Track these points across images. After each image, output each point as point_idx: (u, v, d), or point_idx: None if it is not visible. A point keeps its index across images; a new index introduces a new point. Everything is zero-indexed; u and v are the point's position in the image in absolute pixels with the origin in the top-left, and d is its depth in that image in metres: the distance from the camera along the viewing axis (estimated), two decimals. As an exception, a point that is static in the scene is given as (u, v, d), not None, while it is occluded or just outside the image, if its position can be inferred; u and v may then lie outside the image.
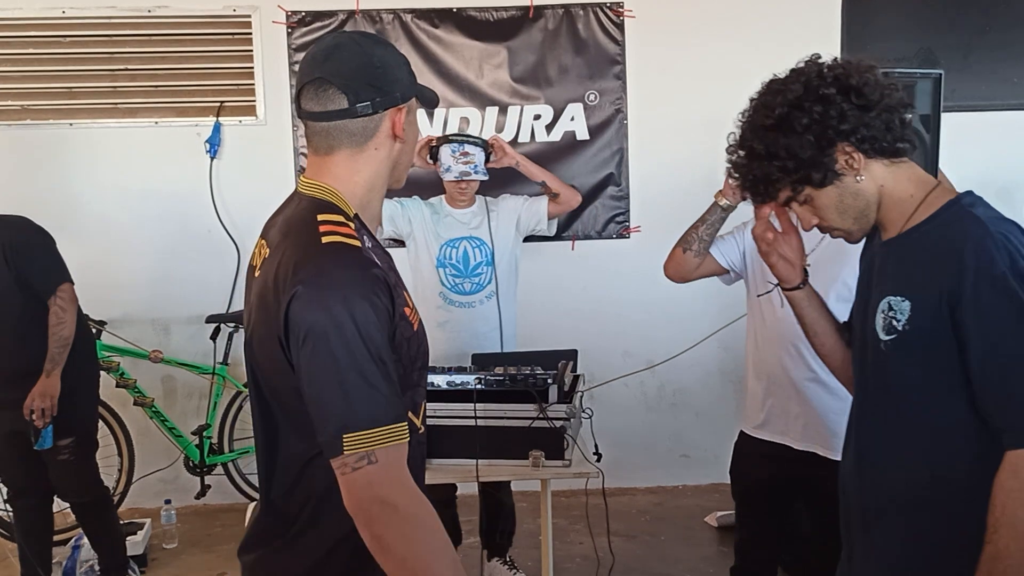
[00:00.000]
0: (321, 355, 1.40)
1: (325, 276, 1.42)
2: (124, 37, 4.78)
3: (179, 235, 4.88)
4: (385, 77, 1.54)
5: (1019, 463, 1.50)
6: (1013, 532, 1.49)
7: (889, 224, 1.70)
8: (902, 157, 1.67)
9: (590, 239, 5.00)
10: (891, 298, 1.64)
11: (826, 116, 1.61)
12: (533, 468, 2.97)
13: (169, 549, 4.42)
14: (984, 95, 4.98)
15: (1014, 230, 1.57)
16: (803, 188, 1.67)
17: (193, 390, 4.93)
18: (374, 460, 1.38)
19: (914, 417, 1.64)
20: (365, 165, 1.57)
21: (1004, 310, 1.51)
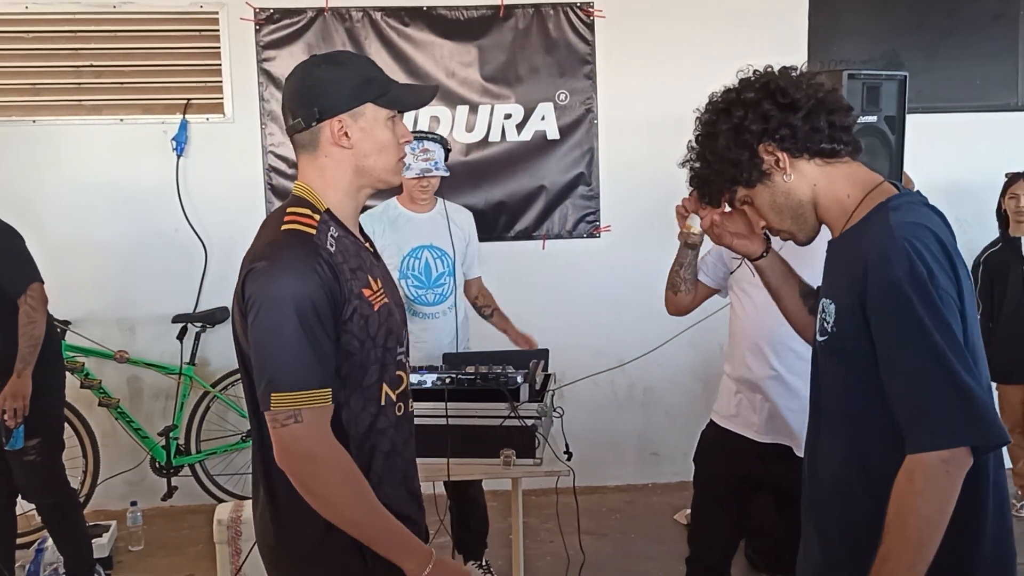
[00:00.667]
0: (260, 322, 1.64)
1: (274, 256, 1.67)
2: (89, 33, 4.72)
3: (145, 234, 4.83)
4: (315, 94, 1.75)
5: (914, 467, 1.51)
6: (902, 534, 1.50)
7: (832, 224, 1.73)
8: (838, 157, 1.70)
9: (560, 239, 5.01)
10: (824, 300, 1.71)
11: (745, 119, 1.69)
12: (504, 467, 2.97)
13: (135, 551, 4.37)
14: (948, 97, 5.06)
15: (923, 234, 1.56)
16: (735, 188, 1.75)
17: (159, 391, 4.88)
18: (300, 419, 1.62)
19: (845, 412, 1.68)
20: (325, 169, 1.78)
21: (897, 316, 1.52)
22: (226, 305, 4.77)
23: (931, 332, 1.50)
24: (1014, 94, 5.12)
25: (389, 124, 1.79)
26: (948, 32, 5.06)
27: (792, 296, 1.98)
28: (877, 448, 1.62)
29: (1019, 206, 4.43)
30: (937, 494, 1.49)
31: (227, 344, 5.16)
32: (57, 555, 3.86)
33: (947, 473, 1.48)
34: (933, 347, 1.50)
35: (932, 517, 1.49)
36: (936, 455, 1.49)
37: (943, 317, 1.51)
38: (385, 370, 1.78)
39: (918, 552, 1.49)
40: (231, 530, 3.60)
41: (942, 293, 1.52)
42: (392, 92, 1.79)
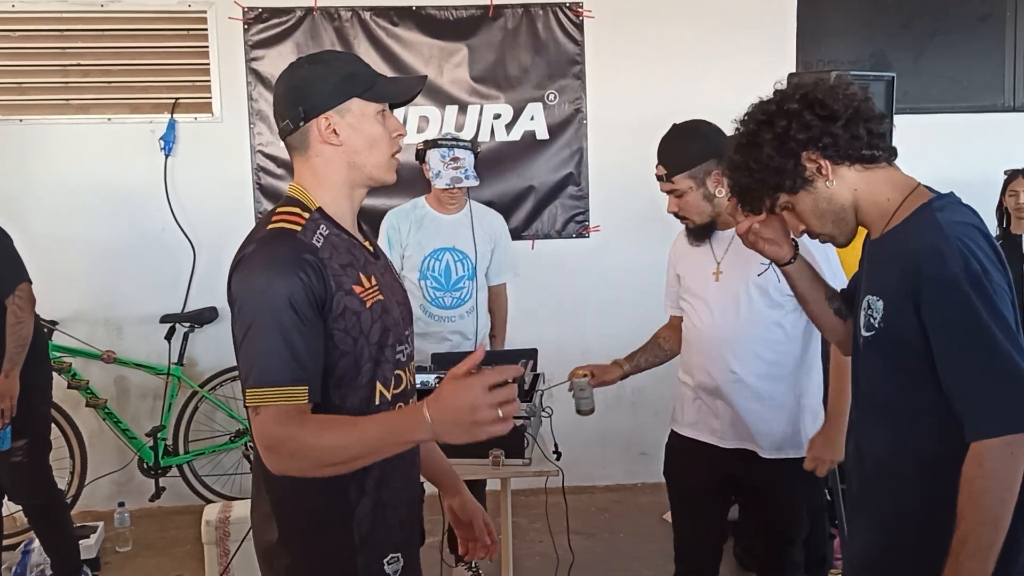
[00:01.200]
0: (241, 318, 1.65)
1: (255, 255, 1.67)
2: (76, 32, 4.70)
3: (133, 233, 4.81)
4: (299, 94, 1.74)
5: (980, 453, 1.60)
6: (977, 517, 1.58)
7: (872, 226, 1.82)
8: (877, 163, 1.79)
9: (549, 238, 5.01)
10: (870, 297, 1.78)
11: (789, 128, 1.76)
12: (493, 467, 2.97)
13: (123, 552, 4.35)
14: (935, 98, 5.09)
15: (972, 233, 1.66)
16: (778, 196, 1.82)
17: (147, 391, 4.86)
18: (258, 413, 1.62)
19: (892, 404, 1.77)
20: (317, 168, 1.78)
21: (956, 311, 1.61)
22: (215, 305, 4.78)
23: (988, 325, 1.59)
24: (1000, 95, 5.15)
25: (379, 119, 1.77)
26: (935, 33, 5.09)
27: (819, 300, 2.04)
28: (926, 436, 1.72)
29: (1019, 203, 4.45)
30: (1004, 475, 1.58)
31: (215, 344, 5.18)
32: (44, 556, 3.84)
33: (1011, 455, 1.58)
34: (992, 339, 1.59)
35: (1002, 496, 1.58)
36: (1000, 440, 1.58)
37: (999, 310, 1.61)
38: (379, 368, 1.75)
39: (994, 530, 1.58)
40: (219, 531, 3.59)
41: (996, 287, 1.63)
42: (378, 86, 1.78)
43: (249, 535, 3.08)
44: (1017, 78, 5.14)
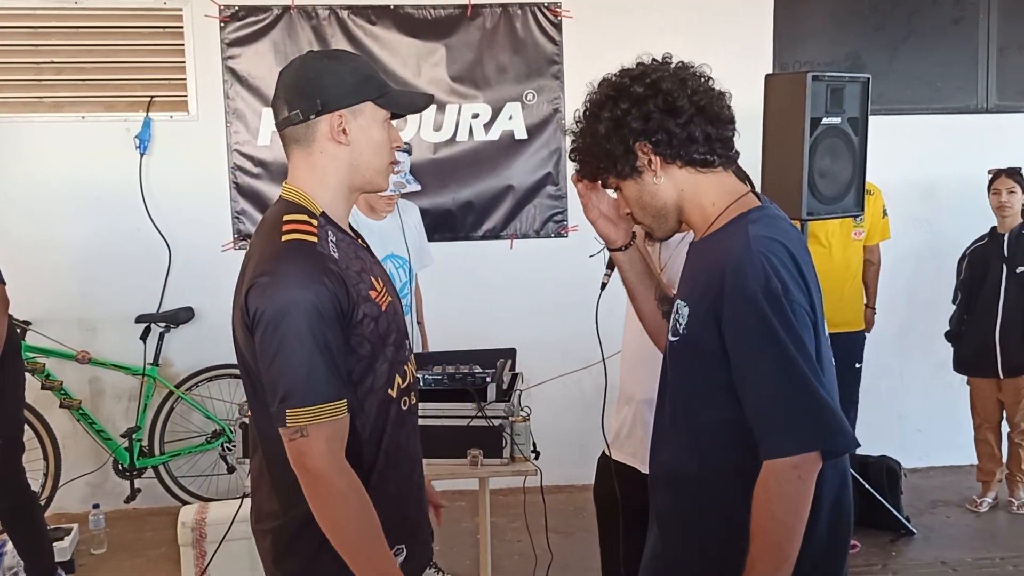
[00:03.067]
0: (269, 338, 1.62)
1: (278, 269, 1.64)
2: (50, 29, 4.65)
3: (107, 233, 4.77)
4: (316, 86, 1.71)
5: (767, 474, 1.57)
6: (763, 539, 1.57)
7: (695, 229, 1.78)
8: (711, 167, 1.72)
9: (528, 238, 5.01)
10: (679, 301, 1.74)
11: (628, 113, 1.70)
12: (472, 466, 2.97)
13: (97, 554, 4.31)
14: (909, 99, 5.14)
15: (777, 249, 1.61)
16: (607, 175, 1.78)
17: (122, 392, 4.82)
18: (306, 434, 1.61)
19: (687, 410, 1.73)
20: (318, 166, 1.75)
21: (753, 328, 1.57)
22: (190, 305, 4.74)
23: (784, 343, 1.55)
24: (974, 96, 5.21)
25: (386, 126, 1.78)
26: (909, 35, 5.14)
27: (647, 297, 1.98)
28: (715, 445, 1.68)
29: (1001, 202, 4.51)
30: (791, 498, 1.56)
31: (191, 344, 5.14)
32: (17, 559, 3.80)
33: (798, 478, 1.55)
34: (785, 358, 1.56)
35: (788, 520, 1.56)
36: (787, 461, 1.55)
37: (795, 330, 1.57)
38: (392, 368, 1.78)
39: (781, 554, 1.56)
40: (195, 532, 3.56)
41: (795, 307, 1.58)
42: (391, 93, 1.78)
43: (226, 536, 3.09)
44: (990, 80, 5.20)
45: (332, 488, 1.63)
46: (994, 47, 5.18)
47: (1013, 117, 5.20)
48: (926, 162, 5.13)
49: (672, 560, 1.77)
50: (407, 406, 1.85)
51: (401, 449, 1.82)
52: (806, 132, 3.49)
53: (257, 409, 1.78)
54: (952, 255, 4.80)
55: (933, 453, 5.25)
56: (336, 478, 1.63)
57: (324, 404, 1.61)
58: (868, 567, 4.11)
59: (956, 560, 4.16)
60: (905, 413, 5.23)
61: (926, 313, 5.01)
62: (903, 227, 4.89)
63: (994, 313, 4.54)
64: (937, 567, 4.11)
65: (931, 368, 5.11)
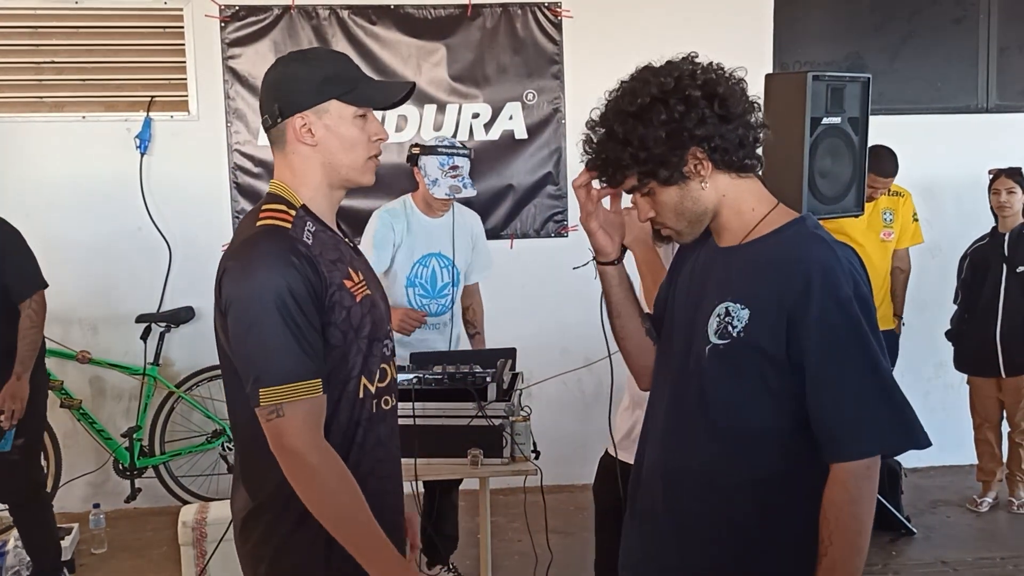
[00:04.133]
0: (240, 319, 1.65)
1: (249, 252, 1.68)
2: (50, 29, 4.66)
3: (108, 232, 4.77)
4: (280, 90, 1.76)
5: (843, 476, 1.58)
6: (844, 542, 1.57)
7: (726, 232, 1.73)
8: (748, 173, 1.71)
9: (528, 238, 5.01)
10: (730, 304, 1.66)
11: (685, 117, 1.63)
12: (472, 466, 2.97)
13: (98, 554, 4.31)
14: (909, 98, 5.14)
15: (854, 256, 1.67)
16: (649, 181, 1.68)
17: (123, 391, 4.82)
18: (282, 413, 1.63)
19: (726, 419, 1.68)
20: (294, 166, 1.79)
21: (844, 333, 1.59)
22: (191, 305, 4.74)
23: (874, 347, 1.60)
24: (974, 96, 5.21)
25: (357, 122, 1.77)
26: (910, 35, 5.14)
27: (631, 314, 1.91)
28: (765, 451, 1.66)
29: (1001, 202, 4.51)
30: (868, 497, 1.59)
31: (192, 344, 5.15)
32: (19, 559, 3.81)
33: (870, 477, 1.59)
34: (876, 363, 1.60)
35: (865, 519, 1.59)
36: (863, 462, 1.58)
37: (879, 336, 1.63)
38: (367, 363, 1.77)
39: (860, 555, 1.59)
40: (196, 532, 3.56)
41: (874, 315, 1.64)
42: (359, 89, 1.77)
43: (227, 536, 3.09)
44: (991, 79, 5.20)
45: (311, 466, 1.63)
46: (995, 47, 5.18)
47: (1013, 117, 5.20)
48: (926, 162, 5.12)
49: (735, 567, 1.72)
50: (388, 406, 1.85)
51: (380, 447, 1.82)
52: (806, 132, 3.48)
53: (232, 401, 1.80)
54: (952, 255, 4.80)
55: (933, 453, 5.21)
56: (315, 456, 1.64)
57: (298, 382, 1.62)
58: (868, 567, 4.11)
59: (956, 560, 4.16)
60: (905, 413, 5.23)
61: (926, 313, 5.00)
62: (903, 227, 4.89)
63: (995, 313, 4.54)
64: (937, 567, 4.11)
65: (931, 368, 5.11)
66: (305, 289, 1.65)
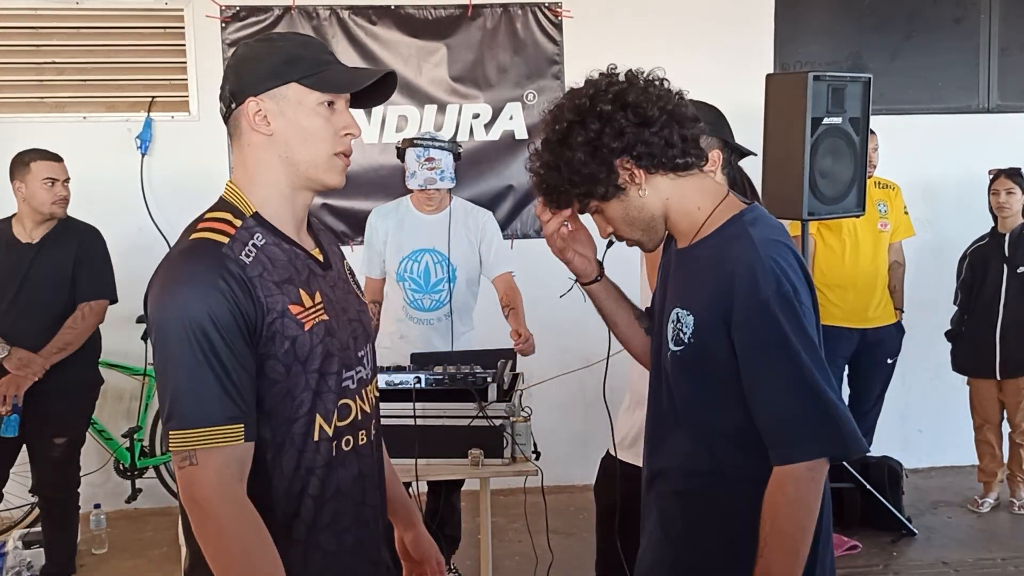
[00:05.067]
0: (157, 350, 1.46)
1: (172, 272, 1.48)
2: (51, 29, 4.66)
3: (108, 233, 4.71)
4: (236, 73, 1.55)
5: (783, 479, 1.58)
6: (781, 545, 1.57)
7: (680, 234, 1.75)
8: (689, 170, 1.71)
9: (528, 238, 5.01)
10: (679, 310, 1.70)
11: (602, 133, 1.64)
12: (473, 466, 2.97)
13: (98, 555, 4.31)
14: (910, 98, 5.13)
15: (783, 252, 1.62)
16: (589, 200, 1.71)
17: (123, 392, 4.82)
18: (194, 461, 1.41)
19: (696, 422, 1.71)
20: (248, 161, 1.58)
21: (765, 334, 1.57)
22: (191, 305, 4.74)
23: (797, 350, 1.57)
24: (975, 96, 5.20)
25: (321, 111, 1.54)
26: (910, 35, 5.13)
27: (628, 320, 1.94)
28: (731, 454, 1.67)
29: (1000, 202, 4.50)
30: (807, 501, 1.58)
31: (192, 344, 5.05)
32: (19, 559, 3.82)
33: (812, 480, 1.58)
34: (799, 364, 1.57)
35: (804, 523, 1.58)
36: (803, 465, 1.57)
37: (808, 334, 1.58)
38: (319, 399, 1.53)
39: (796, 559, 1.58)
40: (197, 532, 3.56)
41: (805, 309, 1.60)
42: (324, 72, 1.55)
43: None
44: (991, 79, 5.20)
45: (220, 522, 1.42)
46: (995, 47, 5.18)
47: (1014, 117, 5.20)
48: (927, 162, 5.12)
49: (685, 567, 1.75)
50: (349, 446, 1.59)
51: (342, 496, 1.57)
52: (807, 132, 3.49)
53: None
54: (952, 255, 4.79)
55: (934, 453, 5.25)
56: (226, 509, 1.42)
57: (214, 427, 1.41)
58: (869, 567, 4.11)
59: (957, 561, 4.15)
60: (906, 414, 5.22)
61: (926, 313, 5.00)
62: (904, 227, 4.89)
63: (995, 313, 4.54)
64: (938, 567, 4.10)
65: (932, 368, 5.11)
66: (231, 318, 1.42)
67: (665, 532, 1.78)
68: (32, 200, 3.72)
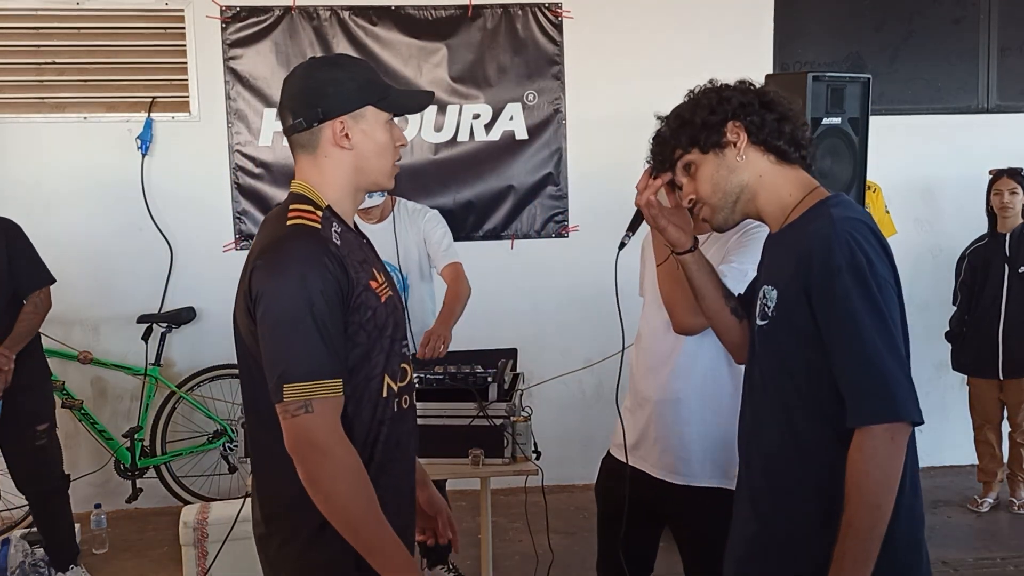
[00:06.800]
0: (270, 314, 1.67)
1: (281, 250, 1.70)
2: (52, 30, 4.66)
3: (109, 233, 4.77)
4: (318, 94, 1.78)
5: (862, 439, 1.64)
6: (860, 499, 1.62)
7: (770, 219, 1.86)
8: (790, 162, 1.84)
9: (529, 238, 5.02)
10: (765, 287, 1.82)
11: (731, 97, 1.84)
12: (473, 466, 2.97)
13: (99, 555, 4.31)
14: (909, 99, 5.14)
15: (860, 228, 1.71)
16: (691, 149, 1.85)
17: (124, 392, 4.83)
18: (311, 409, 1.64)
19: (781, 393, 1.79)
20: (325, 169, 1.81)
21: (839, 303, 1.66)
22: (192, 305, 4.75)
23: (863, 319, 1.64)
24: (974, 96, 5.21)
25: (387, 127, 1.83)
26: (910, 35, 5.14)
27: (715, 296, 2.03)
28: (810, 422, 1.74)
29: (1003, 202, 4.50)
30: (884, 460, 1.63)
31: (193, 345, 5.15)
32: (19, 560, 3.82)
33: (892, 441, 1.63)
34: (864, 332, 1.64)
35: (882, 480, 1.62)
36: (882, 427, 1.63)
37: (878, 304, 1.65)
38: (389, 362, 1.81)
39: (876, 513, 1.62)
40: (197, 532, 3.57)
41: (880, 280, 1.67)
42: (392, 96, 1.84)
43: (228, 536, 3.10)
44: (991, 80, 5.20)
45: (341, 462, 1.65)
46: (995, 47, 5.18)
47: (1014, 117, 5.21)
48: (926, 162, 5.13)
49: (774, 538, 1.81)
50: (407, 404, 1.88)
51: (400, 446, 1.85)
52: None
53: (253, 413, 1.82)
54: (952, 255, 4.80)
55: (934, 453, 5.25)
56: (344, 452, 1.66)
57: (323, 380, 1.65)
58: (869, 567, 4.11)
59: (957, 560, 4.16)
60: (906, 413, 5.23)
61: (926, 313, 5.00)
62: (903, 227, 4.89)
63: (997, 313, 4.54)
64: (938, 567, 4.10)
65: (931, 368, 5.11)
66: (335, 290, 1.68)
67: (755, 509, 1.85)
68: None
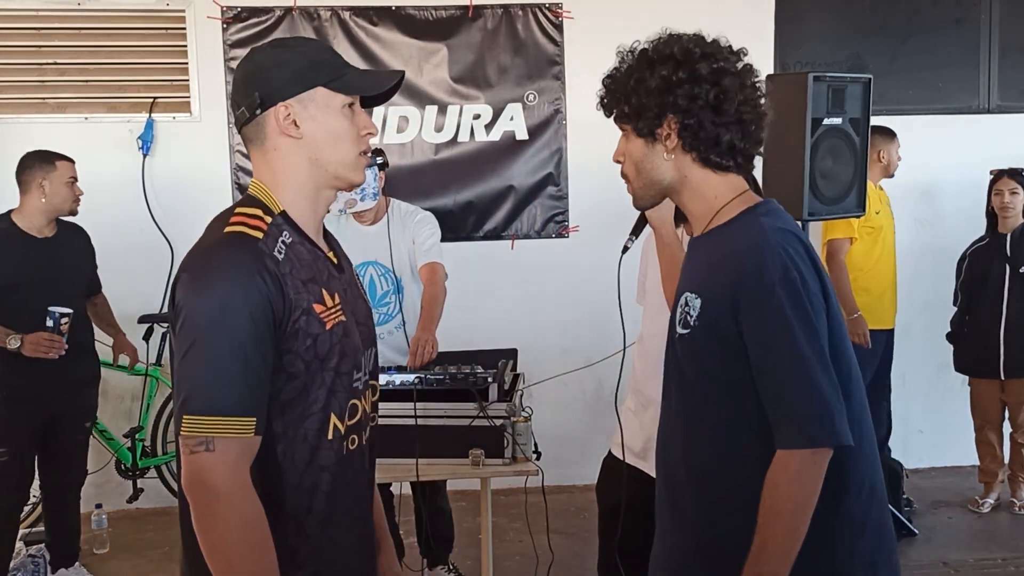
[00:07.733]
0: (184, 332, 1.46)
1: (208, 260, 1.49)
2: (53, 30, 4.67)
3: (110, 234, 4.75)
4: (258, 80, 1.57)
5: (788, 461, 1.59)
6: (778, 523, 1.59)
7: (694, 221, 1.79)
8: (723, 171, 1.73)
9: (529, 239, 5.02)
10: (688, 294, 1.74)
11: (679, 85, 1.69)
12: (473, 466, 2.97)
13: (100, 554, 4.32)
14: (910, 99, 5.14)
15: (792, 241, 1.65)
16: (625, 122, 1.77)
17: (125, 392, 4.83)
18: (212, 448, 1.42)
19: (702, 407, 1.73)
20: (275, 164, 1.60)
21: (769, 319, 1.60)
22: (193, 305, 4.75)
23: (797, 337, 1.59)
24: (975, 96, 5.21)
25: (346, 112, 1.60)
26: (910, 36, 5.14)
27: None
28: (740, 437, 1.68)
29: (1004, 203, 4.50)
30: (808, 482, 1.59)
31: (194, 345, 5.06)
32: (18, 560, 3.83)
33: (815, 464, 1.59)
34: (798, 352, 1.59)
35: (804, 503, 1.59)
36: (809, 450, 1.58)
37: (811, 322, 1.60)
38: (334, 397, 1.56)
39: (793, 537, 1.59)
40: (198, 532, 3.57)
41: (812, 297, 1.62)
42: (346, 76, 1.60)
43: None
44: (992, 80, 5.20)
45: (237, 511, 1.42)
46: (996, 47, 5.18)
47: (1015, 118, 5.20)
48: (927, 162, 5.12)
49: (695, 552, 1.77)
50: (355, 445, 1.62)
51: (351, 495, 1.62)
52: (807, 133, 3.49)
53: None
54: (953, 255, 4.79)
55: (935, 454, 5.25)
56: (244, 502, 1.43)
57: (232, 417, 1.42)
58: (869, 567, 4.11)
59: (958, 561, 4.16)
60: (906, 414, 5.22)
61: (926, 314, 5.01)
62: (903, 227, 4.89)
63: (998, 313, 4.54)
64: (939, 568, 4.11)
65: (932, 369, 5.11)
66: (264, 312, 1.45)
67: (679, 521, 1.80)
68: (55, 197, 3.75)
